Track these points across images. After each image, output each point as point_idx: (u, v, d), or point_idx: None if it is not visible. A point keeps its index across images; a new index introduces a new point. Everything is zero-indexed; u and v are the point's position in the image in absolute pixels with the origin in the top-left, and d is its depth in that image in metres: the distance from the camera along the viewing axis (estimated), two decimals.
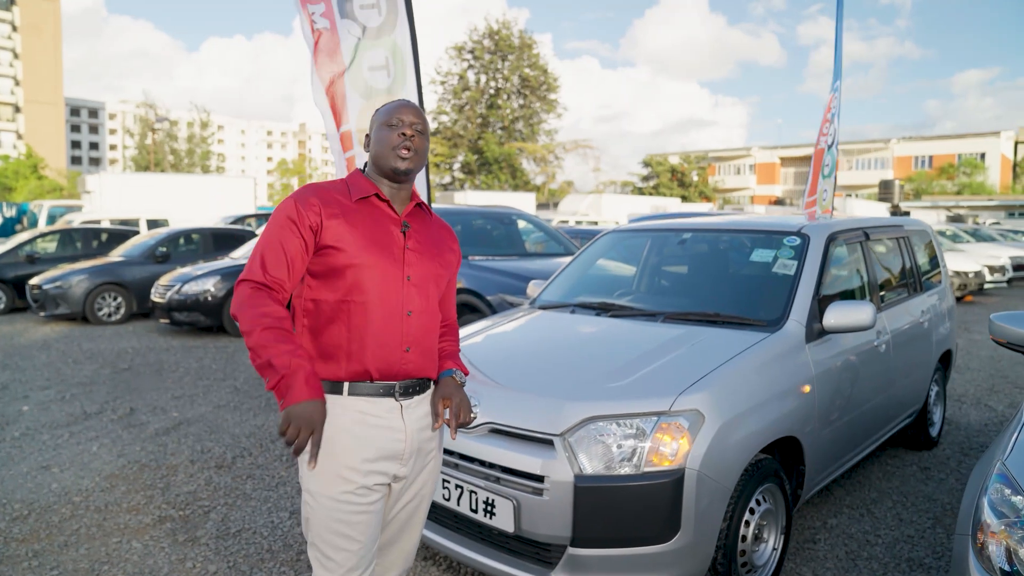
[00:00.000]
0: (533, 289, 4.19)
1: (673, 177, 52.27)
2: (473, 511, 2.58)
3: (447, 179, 48.22)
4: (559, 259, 7.05)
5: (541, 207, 34.71)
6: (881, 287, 4.00)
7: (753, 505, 2.70)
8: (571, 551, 2.39)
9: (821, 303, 3.24)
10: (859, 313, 3.10)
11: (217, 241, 11.87)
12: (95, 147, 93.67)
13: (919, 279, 4.53)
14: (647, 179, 53.44)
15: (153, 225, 15.58)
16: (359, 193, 1.81)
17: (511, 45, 47.50)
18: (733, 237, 3.99)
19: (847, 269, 3.81)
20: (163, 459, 4.48)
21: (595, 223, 24.17)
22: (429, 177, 3.34)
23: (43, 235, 12.58)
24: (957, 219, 28.90)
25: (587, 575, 2.40)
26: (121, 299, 10.50)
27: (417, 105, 1.93)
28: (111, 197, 19.13)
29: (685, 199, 45.17)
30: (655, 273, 4.16)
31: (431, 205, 3.25)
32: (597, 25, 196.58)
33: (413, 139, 1.81)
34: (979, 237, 19.04)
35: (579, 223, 23.62)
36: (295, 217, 1.72)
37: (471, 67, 48.51)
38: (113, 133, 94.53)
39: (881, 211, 23.87)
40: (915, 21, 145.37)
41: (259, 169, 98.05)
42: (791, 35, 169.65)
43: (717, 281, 3.82)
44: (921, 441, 4.56)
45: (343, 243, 1.73)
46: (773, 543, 2.85)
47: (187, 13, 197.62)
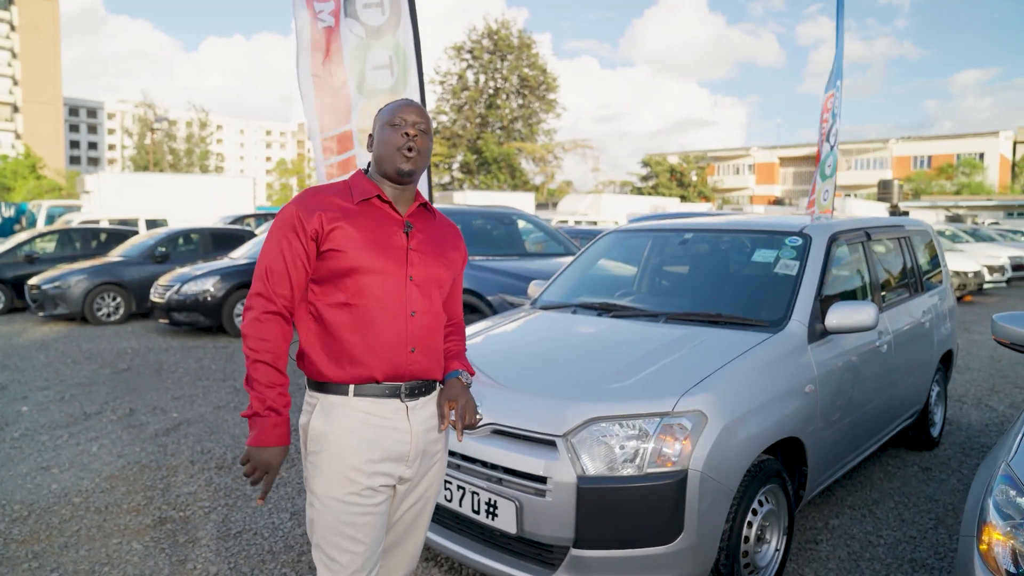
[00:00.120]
0: (534, 289, 4.18)
1: (672, 177, 52.29)
2: (475, 512, 2.57)
3: (446, 179, 48.20)
4: (559, 259, 7.05)
5: (540, 207, 34.68)
6: (882, 287, 4.00)
7: (756, 506, 2.69)
8: (574, 552, 2.39)
9: (823, 303, 3.24)
10: (861, 313, 3.10)
11: (216, 241, 11.85)
12: (94, 147, 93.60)
13: (920, 279, 4.53)
14: (646, 179, 53.46)
15: (152, 225, 15.54)
16: (361, 195, 1.80)
17: (510, 45, 47.50)
18: (735, 237, 3.98)
19: (849, 269, 3.81)
20: (163, 460, 4.47)
21: (594, 223, 24.15)
22: (431, 177, 3.33)
23: (42, 235, 12.55)
24: (956, 219, 28.92)
25: None
26: (120, 299, 10.48)
27: (420, 104, 1.91)
28: (110, 197, 19.11)
29: (684, 199, 45.16)
30: (656, 273, 4.15)
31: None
32: (596, 25, 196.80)
33: (416, 139, 1.79)
34: (978, 237, 19.06)
35: (578, 223, 23.61)
36: (296, 226, 1.74)
37: (470, 67, 48.52)
38: (112, 133, 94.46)
39: (880, 211, 23.86)
40: (914, 21, 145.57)
41: (258, 169, 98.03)
42: (790, 35, 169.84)
43: (719, 281, 3.81)
44: (922, 441, 4.56)
45: (345, 246, 1.72)
46: (775, 544, 2.84)
47: (186, 13, 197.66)
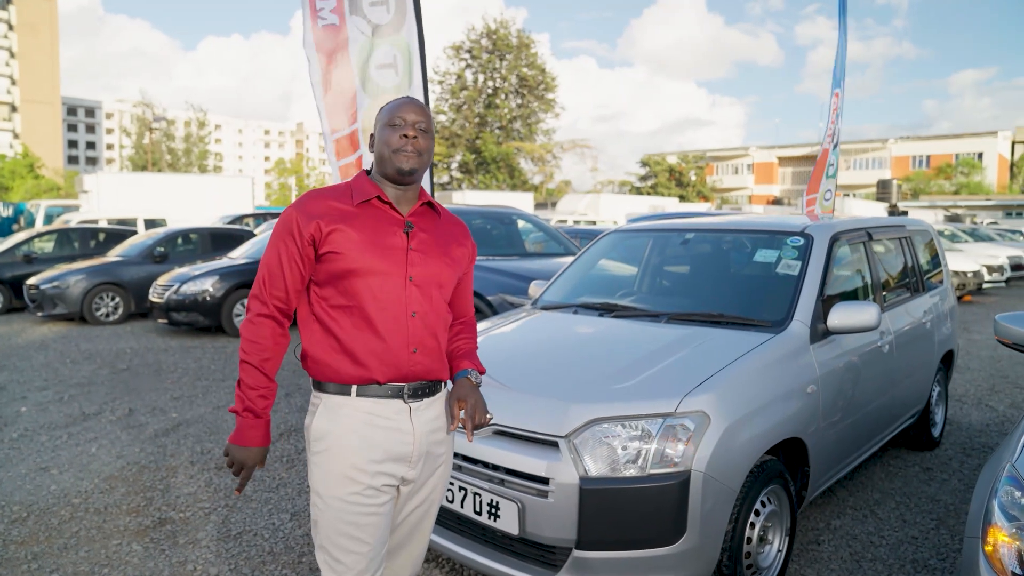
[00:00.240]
0: (535, 289, 4.17)
1: (671, 177, 52.31)
2: (477, 513, 2.56)
3: (445, 179, 48.19)
4: (559, 259, 7.04)
5: (539, 207, 34.68)
6: (884, 287, 3.99)
7: (758, 507, 2.68)
8: (576, 553, 2.38)
9: (825, 304, 3.23)
10: (864, 314, 3.09)
11: (215, 241, 11.83)
12: (92, 147, 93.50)
13: (921, 279, 4.52)
14: (645, 179, 53.48)
15: (151, 225, 15.52)
16: (361, 196, 1.79)
17: (509, 45, 47.51)
18: (736, 237, 3.98)
19: (850, 269, 3.80)
20: (163, 460, 4.46)
21: (593, 223, 24.15)
22: (433, 177, 3.32)
23: (40, 235, 12.52)
24: (955, 219, 28.95)
25: None
26: (119, 299, 10.46)
27: (421, 102, 1.88)
28: (108, 197, 19.07)
29: (683, 199, 45.20)
30: (658, 274, 4.14)
31: None
32: (595, 25, 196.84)
33: (415, 140, 1.78)
34: (977, 237, 19.08)
35: (577, 223, 23.61)
36: (294, 230, 1.75)
37: (469, 66, 48.52)
38: (110, 133, 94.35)
39: (879, 211, 23.87)
40: (912, 21, 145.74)
41: (257, 169, 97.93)
42: (789, 35, 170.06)
43: (720, 281, 3.80)
44: (923, 441, 4.56)
45: (343, 249, 1.72)
46: (778, 545, 2.84)
47: (184, 12, 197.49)
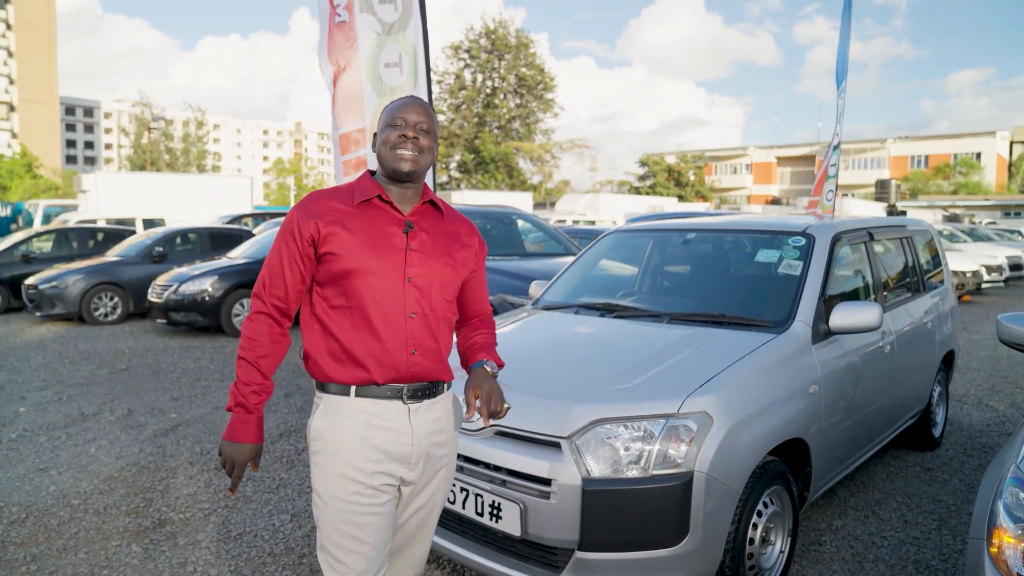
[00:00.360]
0: (535, 290, 4.16)
1: (670, 177, 52.32)
2: (479, 514, 2.55)
3: (444, 178, 48.14)
4: (559, 259, 7.03)
5: (538, 206, 34.68)
6: (885, 287, 3.99)
7: (761, 508, 2.67)
8: (579, 555, 2.37)
9: (827, 304, 3.22)
10: (866, 314, 3.08)
11: (214, 241, 11.80)
12: (90, 146, 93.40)
13: (922, 279, 4.52)
14: (644, 179, 53.48)
15: (149, 225, 15.48)
16: (361, 196, 1.79)
17: (508, 44, 47.47)
18: (737, 237, 3.97)
19: (852, 269, 3.79)
20: (162, 461, 4.44)
21: (592, 223, 24.15)
22: (435, 177, 3.31)
23: (39, 235, 12.49)
24: (953, 219, 28.98)
25: None
26: (118, 299, 10.44)
27: (424, 101, 1.87)
28: (107, 196, 19.05)
29: (682, 199, 45.21)
30: (659, 274, 4.14)
31: None
32: (593, 25, 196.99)
33: (416, 140, 1.77)
34: (976, 237, 19.09)
35: (576, 223, 23.61)
36: (295, 230, 1.77)
37: (468, 66, 48.48)
38: (108, 132, 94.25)
39: (877, 211, 23.89)
40: (910, 21, 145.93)
41: (255, 168, 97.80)
42: (787, 35, 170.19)
43: (722, 282, 3.80)
44: (924, 442, 4.55)
45: (341, 249, 1.73)
46: (780, 546, 2.83)
47: (182, 12, 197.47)
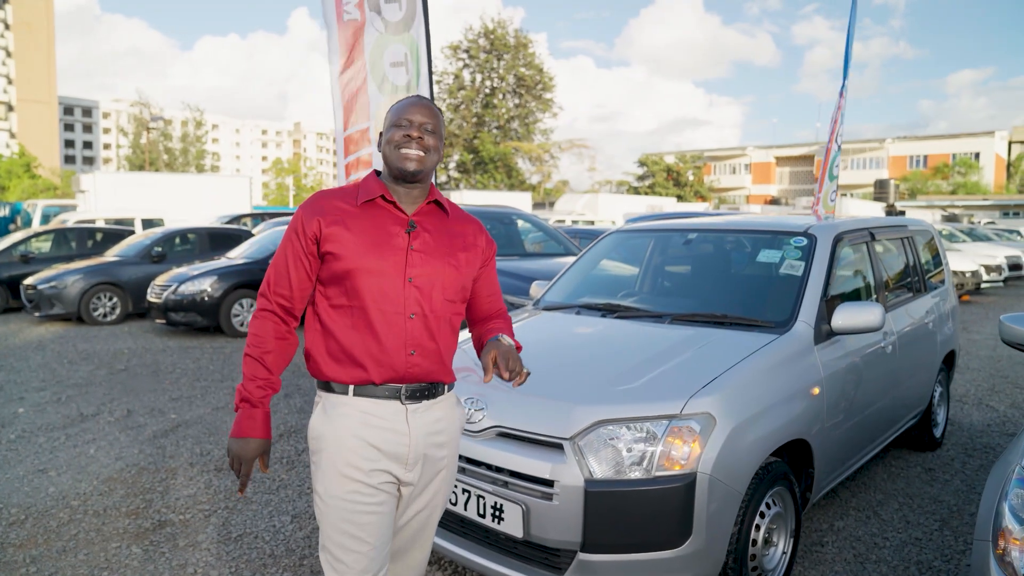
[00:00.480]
0: (536, 290, 4.15)
1: (669, 177, 52.32)
2: (481, 516, 2.54)
3: (443, 178, 48.13)
4: (559, 259, 7.03)
5: (537, 206, 34.68)
6: (886, 288, 3.98)
7: (763, 509, 2.67)
8: (581, 556, 2.36)
9: (829, 304, 3.22)
10: (868, 314, 3.07)
11: (213, 241, 11.78)
12: (89, 146, 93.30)
13: (923, 279, 4.51)
14: (643, 178, 53.48)
15: (148, 225, 15.46)
16: (365, 196, 1.79)
17: (506, 44, 47.47)
18: (739, 237, 3.96)
19: (853, 270, 3.79)
20: (162, 462, 4.43)
21: (591, 223, 24.15)
22: (436, 177, 3.29)
23: (37, 235, 12.47)
24: (952, 219, 29.01)
25: None
26: (117, 299, 10.42)
27: (430, 101, 1.86)
28: (105, 196, 19.01)
29: (681, 199, 45.22)
30: (660, 274, 4.13)
31: None
32: (592, 24, 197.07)
33: (421, 140, 1.77)
34: (975, 237, 19.11)
35: (575, 223, 23.61)
36: (299, 229, 1.78)
37: (466, 66, 48.48)
38: (107, 132, 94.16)
39: (876, 211, 23.91)
40: (909, 21, 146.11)
41: (254, 168, 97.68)
42: (786, 35, 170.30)
43: (723, 282, 3.79)
44: (925, 442, 4.55)
45: (341, 249, 1.73)
46: (783, 547, 2.82)
47: (180, 12, 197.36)
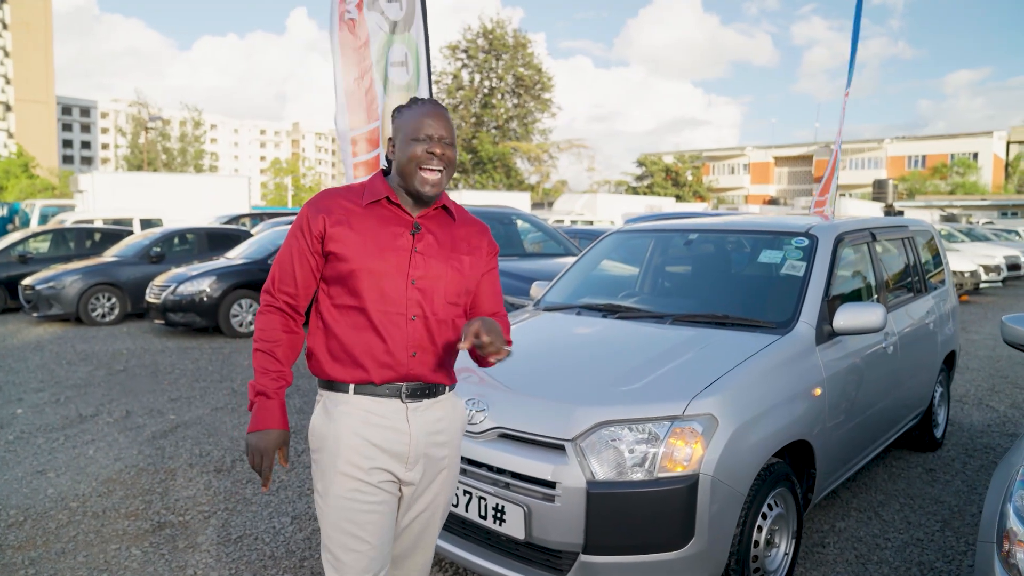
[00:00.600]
0: (537, 291, 4.14)
1: (667, 177, 52.33)
2: (482, 517, 2.53)
3: None
4: (558, 259, 7.02)
5: (535, 207, 34.68)
6: (887, 288, 3.97)
7: (765, 510, 2.66)
8: (583, 558, 2.35)
9: (830, 305, 3.21)
10: (870, 315, 3.07)
11: (212, 241, 11.75)
12: (87, 146, 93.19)
13: (924, 280, 4.51)
14: (641, 178, 53.48)
15: (147, 225, 15.43)
16: (371, 196, 1.78)
17: (505, 44, 47.43)
18: (739, 238, 3.95)
19: (855, 270, 3.78)
20: (161, 463, 4.42)
21: (590, 223, 24.16)
22: None
23: (35, 235, 12.44)
24: (951, 219, 29.04)
25: None
26: (115, 299, 10.40)
27: (446, 110, 1.80)
28: (104, 196, 18.98)
29: (679, 199, 45.23)
30: (661, 275, 4.12)
31: None
32: (591, 24, 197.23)
33: (442, 156, 1.73)
34: (973, 237, 19.12)
35: (574, 223, 23.61)
36: (304, 226, 1.77)
37: (465, 66, 48.44)
38: (105, 132, 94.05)
39: (875, 211, 23.93)
40: (907, 21, 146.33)
41: (252, 168, 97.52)
42: (784, 35, 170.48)
43: (724, 282, 3.78)
44: (926, 442, 4.54)
45: (345, 249, 1.72)
46: (785, 548, 2.81)
47: (179, 12, 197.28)
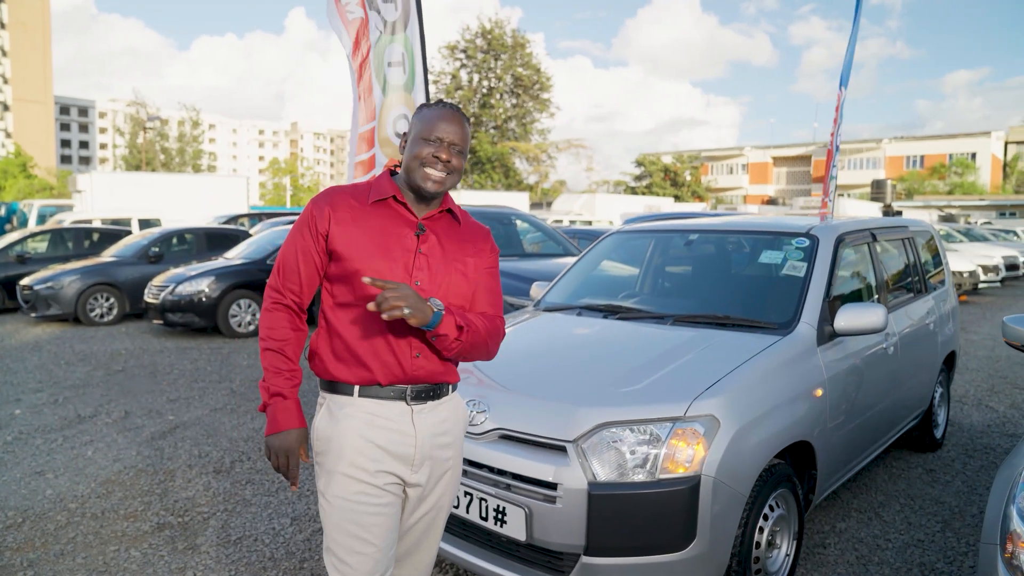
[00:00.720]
0: (537, 291, 4.13)
1: (666, 177, 52.33)
2: (483, 519, 2.52)
3: None
4: (558, 259, 7.01)
5: (534, 207, 34.71)
6: (888, 288, 3.97)
7: (767, 511, 2.65)
8: (584, 560, 2.34)
9: (831, 305, 3.20)
10: (871, 315, 3.07)
11: (211, 241, 11.74)
12: (85, 146, 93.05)
13: (924, 280, 4.51)
14: (640, 179, 53.48)
15: (145, 225, 15.41)
16: (376, 195, 1.77)
17: (504, 44, 47.42)
18: (740, 238, 3.95)
19: (855, 270, 3.78)
20: (160, 464, 4.40)
21: (589, 223, 24.16)
22: None
23: (34, 235, 12.42)
24: (949, 219, 29.04)
25: None
26: (113, 300, 10.37)
27: (462, 115, 1.78)
28: (102, 196, 18.97)
29: (678, 199, 45.25)
30: (661, 275, 4.11)
31: None
32: (589, 24, 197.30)
33: (448, 162, 1.73)
34: (972, 237, 19.15)
35: (573, 223, 23.61)
36: (309, 223, 1.76)
37: (464, 66, 48.42)
38: (103, 132, 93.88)
39: (873, 211, 23.93)
40: (905, 22, 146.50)
41: (251, 168, 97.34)
42: (783, 35, 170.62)
43: (725, 283, 3.78)
44: (926, 443, 4.54)
45: (348, 248, 1.72)
46: (786, 549, 2.81)
47: (177, 11, 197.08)
